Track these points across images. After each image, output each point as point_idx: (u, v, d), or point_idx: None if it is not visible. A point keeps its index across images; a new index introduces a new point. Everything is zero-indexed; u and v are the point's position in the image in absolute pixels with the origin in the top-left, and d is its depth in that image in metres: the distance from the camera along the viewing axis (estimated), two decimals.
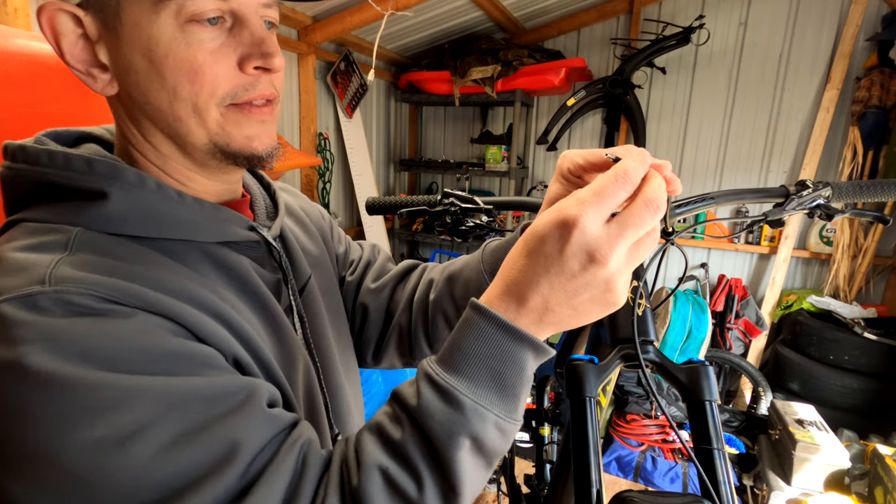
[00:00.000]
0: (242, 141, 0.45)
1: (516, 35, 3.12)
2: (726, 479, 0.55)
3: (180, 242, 0.45)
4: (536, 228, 0.37)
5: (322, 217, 0.71)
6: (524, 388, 0.39)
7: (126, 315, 0.36)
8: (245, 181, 0.58)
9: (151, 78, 0.41)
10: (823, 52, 2.53)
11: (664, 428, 2.29)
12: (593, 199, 0.35)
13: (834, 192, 0.70)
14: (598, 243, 0.34)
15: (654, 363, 0.61)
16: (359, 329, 0.71)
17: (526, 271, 0.37)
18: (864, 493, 1.71)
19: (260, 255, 0.52)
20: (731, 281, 2.80)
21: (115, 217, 0.41)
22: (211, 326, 0.40)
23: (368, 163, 3.14)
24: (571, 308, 0.37)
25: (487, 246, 0.63)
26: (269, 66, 0.44)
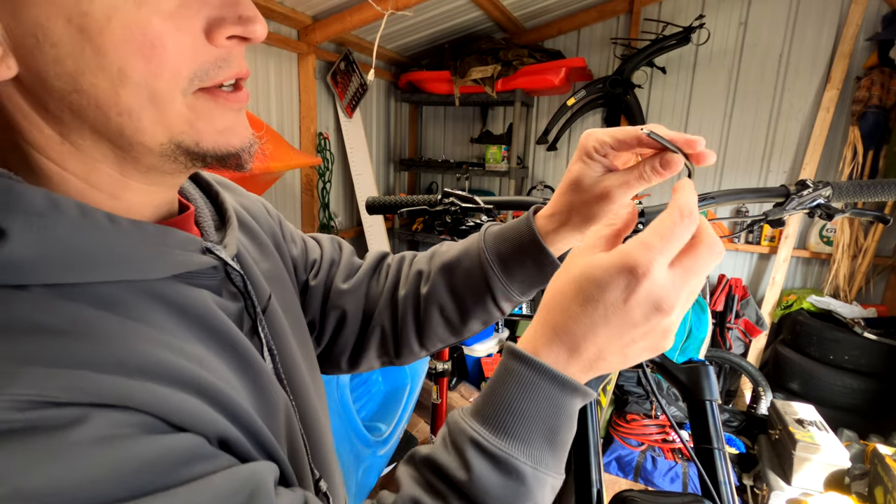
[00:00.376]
0: (216, 137, 0.34)
1: (516, 35, 3.12)
2: (726, 479, 0.55)
3: (118, 284, 0.32)
4: (594, 273, 0.33)
5: (269, 214, 0.59)
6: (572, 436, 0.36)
7: (73, 422, 0.25)
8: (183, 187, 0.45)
9: (82, 54, 0.28)
10: (823, 52, 2.53)
11: (664, 428, 2.29)
12: (662, 245, 0.32)
13: (834, 192, 0.70)
14: (665, 292, 0.32)
15: (654, 363, 0.61)
16: (332, 335, 0.62)
17: (581, 319, 0.33)
18: (864, 493, 1.71)
19: (217, 282, 0.40)
20: (731, 281, 2.80)
21: (19, 264, 0.28)
22: (186, 405, 0.30)
23: (368, 163, 3.14)
24: (623, 356, 0.34)
25: (487, 231, 0.57)
26: (248, 34, 0.33)
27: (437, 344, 0.62)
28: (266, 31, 0.34)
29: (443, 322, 0.59)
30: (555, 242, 0.53)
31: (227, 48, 0.33)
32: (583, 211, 0.50)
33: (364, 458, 1.78)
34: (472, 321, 0.58)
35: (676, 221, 0.32)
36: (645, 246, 0.32)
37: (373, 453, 1.83)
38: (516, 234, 0.54)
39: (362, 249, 3.24)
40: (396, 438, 2.04)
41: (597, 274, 0.33)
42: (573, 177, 0.49)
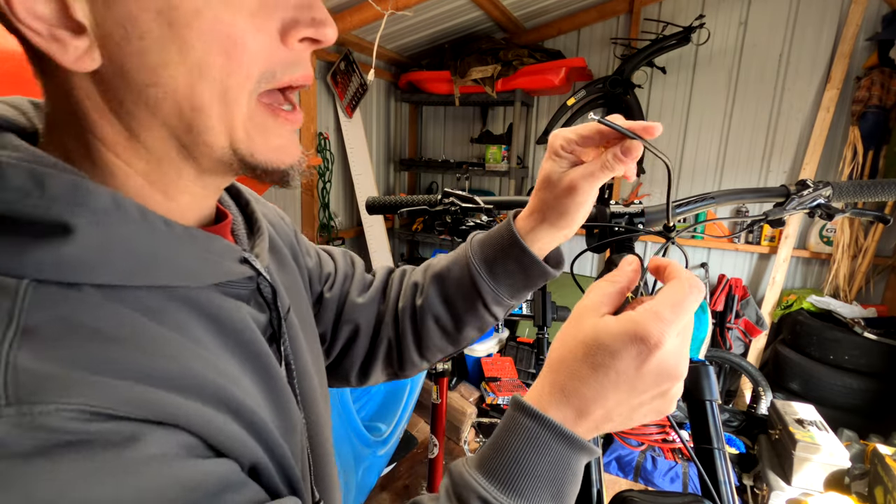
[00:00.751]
0: (269, 153, 0.35)
1: (516, 35, 3.12)
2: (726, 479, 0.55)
3: (162, 291, 0.33)
4: (605, 341, 0.34)
5: (286, 224, 0.59)
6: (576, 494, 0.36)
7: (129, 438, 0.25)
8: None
9: (167, 46, 0.29)
10: (823, 52, 2.53)
11: (664, 428, 2.29)
12: (673, 317, 0.33)
13: (834, 192, 0.70)
14: (675, 360, 0.33)
15: None
16: (343, 348, 0.62)
17: (591, 383, 0.34)
18: (864, 492, 1.71)
19: (248, 292, 0.41)
20: (731, 281, 2.80)
21: (80, 261, 0.28)
22: (227, 428, 0.30)
23: (368, 163, 3.14)
24: (629, 418, 0.35)
25: (473, 240, 0.58)
26: (320, 36, 0.33)
27: (437, 354, 0.62)
28: (336, 34, 0.34)
29: (439, 331, 0.60)
30: (535, 241, 0.54)
31: (298, 51, 0.34)
32: (555, 206, 0.51)
33: (364, 458, 1.78)
34: (467, 328, 0.59)
35: (687, 293, 0.34)
36: (657, 317, 0.33)
37: (373, 453, 1.83)
38: (499, 238, 0.55)
39: (363, 249, 3.24)
40: (396, 438, 2.04)
41: (608, 341, 0.33)
42: (544, 174, 0.51)
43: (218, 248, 0.36)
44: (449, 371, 1.50)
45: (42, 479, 0.22)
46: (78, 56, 0.28)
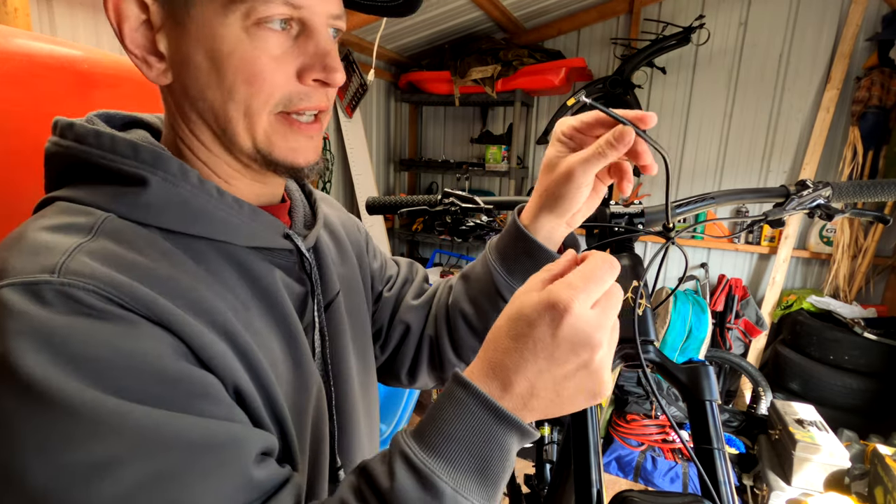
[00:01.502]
0: (286, 152, 0.44)
1: (516, 35, 3.12)
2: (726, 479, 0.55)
3: (209, 242, 0.43)
4: (524, 311, 0.36)
5: (359, 231, 0.69)
6: (507, 475, 0.36)
7: (129, 323, 0.34)
8: (288, 186, 0.57)
9: (210, 75, 0.41)
10: (823, 52, 2.53)
11: (664, 428, 2.29)
12: (583, 284, 0.35)
13: (834, 192, 0.70)
14: (591, 328, 0.34)
15: (654, 363, 0.61)
16: (396, 347, 0.68)
17: (512, 354, 0.35)
18: (864, 493, 1.71)
19: (290, 264, 0.50)
20: (731, 281, 2.80)
21: (150, 206, 0.40)
22: (217, 347, 0.37)
23: (368, 163, 3.14)
24: (557, 394, 0.35)
25: (490, 243, 0.63)
26: (329, 80, 0.43)
27: (470, 354, 0.64)
28: (343, 79, 0.44)
29: (468, 329, 0.63)
30: (539, 230, 0.57)
31: (311, 88, 0.43)
32: (553, 191, 0.53)
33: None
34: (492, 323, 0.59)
35: (598, 265, 0.36)
36: (568, 285, 0.35)
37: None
38: (508, 231, 0.59)
39: None
40: None
41: (526, 311, 0.36)
42: (546, 160, 0.54)
43: (261, 219, 0.46)
44: None
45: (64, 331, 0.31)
46: (158, 73, 0.42)
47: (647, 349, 0.61)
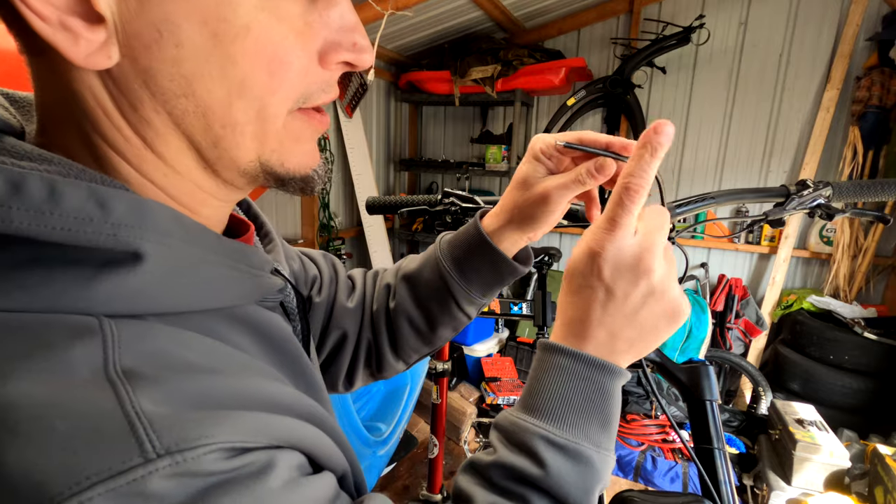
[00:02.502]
0: (300, 158, 0.33)
1: (516, 35, 3.12)
2: (726, 479, 0.55)
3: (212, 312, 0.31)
4: (572, 265, 0.37)
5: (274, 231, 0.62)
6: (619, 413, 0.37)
7: (265, 467, 0.24)
8: None
9: (207, 59, 0.26)
10: (823, 52, 2.53)
11: (664, 428, 2.29)
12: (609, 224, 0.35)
13: (834, 192, 0.70)
14: (635, 255, 0.34)
15: (654, 363, 0.61)
16: (331, 354, 0.60)
17: (580, 308, 0.36)
18: (864, 493, 1.71)
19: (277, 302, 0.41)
20: (731, 281, 2.80)
21: (147, 291, 0.26)
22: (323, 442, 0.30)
23: (368, 163, 3.14)
24: (637, 330, 0.36)
25: (442, 240, 0.57)
26: (359, 62, 0.33)
27: (412, 354, 0.62)
28: (373, 59, 0.34)
29: (413, 333, 0.59)
30: (500, 241, 0.53)
31: (332, 73, 0.32)
32: (525, 210, 0.50)
33: (364, 458, 1.78)
34: (441, 328, 0.58)
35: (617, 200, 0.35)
36: (596, 229, 0.36)
37: (373, 453, 1.83)
38: (466, 237, 0.54)
39: (362, 249, 3.24)
40: (396, 438, 2.04)
41: (576, 266, 0.37)
42: (520, 176, 0.50)
43: (257, 261, 0.35)
44: (449, 371, 1.50)
45: None
46: (90, 52, 0.25)
47: None
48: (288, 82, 0.29)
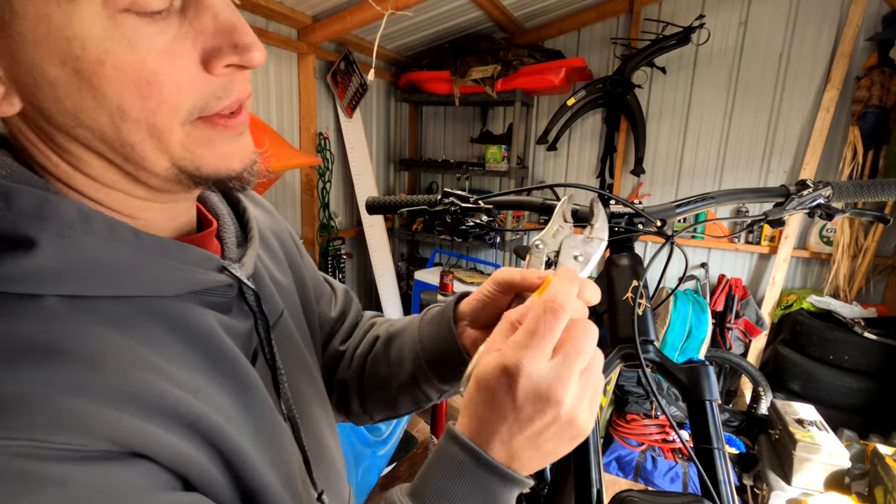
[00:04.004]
0: (217, 162, 0.34)
1: (516, 35, 3.12)
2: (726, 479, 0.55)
3: (126, 300, 0.33)
4: (482, 376, 0.34)
5: (291, 237, 0.61)
6: None
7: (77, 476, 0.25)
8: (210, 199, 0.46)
9: (80, 93, 0.29)
10: (823, 52, 2.53)
11: (664, 428, 2.29)
12: (530, 342, 0.33)
13: (834, 192, 0.70)
14: (549, 384, 0.32)
15: (654, 363, 0.61)
16: None
17: (484, 420, 0.34)
18: (864, 493, 1.71)
19: (228, 300, 0.41)
20: (731, 281, 2.80)
21: (42, 274, 0.29)
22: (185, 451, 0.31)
23: (368, 162, 3.14)
24: (536, 449, 0.34)
25: (427, 314, 0.57)
26: (246, 62, 0.32)
27: (377, 413, 0.62)
28: (264, 56, 0.33)
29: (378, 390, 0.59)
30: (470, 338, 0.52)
31: (227, 76, 0.32)
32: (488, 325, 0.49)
33: (364, 458, 1.78)
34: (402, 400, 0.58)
35: (541, 315, 0.34)
36: (516, 345, 0.33)
37: (373, 453, 1.83)
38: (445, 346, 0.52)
39: (363, 249, 3.24)
40: (396, 438, 2.04)
41: (486, 378, 0.34)
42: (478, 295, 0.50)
43: (191, 258, 0.36)
44: None
45: None
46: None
47: (647, 349, 0.61)
48: (168, 99, 0.30)
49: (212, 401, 0.35)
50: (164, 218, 0.38)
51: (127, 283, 0.33)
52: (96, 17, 0.27)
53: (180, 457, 0.30)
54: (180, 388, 0.32)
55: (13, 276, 0.28)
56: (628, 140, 2.98)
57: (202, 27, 0.31)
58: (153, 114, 0.30)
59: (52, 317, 0.29)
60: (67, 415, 0.26)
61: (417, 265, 3.54)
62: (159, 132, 0.31)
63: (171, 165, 0.33)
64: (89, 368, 0.28)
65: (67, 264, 0.30)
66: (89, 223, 0.31)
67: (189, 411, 0.32)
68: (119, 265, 0.32)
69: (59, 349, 0.28)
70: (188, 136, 0.32)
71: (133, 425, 0.28)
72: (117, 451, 0.27)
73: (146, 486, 0.28)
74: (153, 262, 0.34)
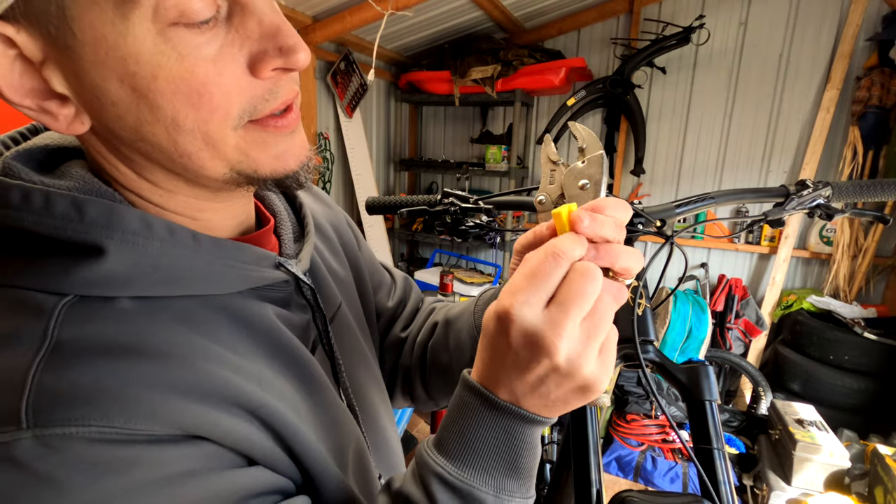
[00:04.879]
0: (273, 163, 0.36)
1: (516, 35, 3.12)
2: (726, 479, 0.55)
3: (195, 299, 0.36)
4: (485, 320, 0.34)
5: (349, 226, 0.63)
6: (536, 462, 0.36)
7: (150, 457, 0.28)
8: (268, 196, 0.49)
9: (138, 109, 0.31)
10: (823, 52, 2.53)
11: (664, 428, 2.29)
12: (523, 285, 0.32)
13: (834, 192, 0.70)
14: (541, 331, 0.31)
15: (654, 363, 0.61)
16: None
17: (489, 364, 0.35)
18: (864, 493, 1.71)
19: (286, 295, 0.44)
20: (731, 281, 2.80)
21: (114, 278, 0.32)
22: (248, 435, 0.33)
23: (368, 163, 3.14)
24: (541, 398, 0.33)
25: (483, 296, 0.58)
26: (292, 65, 0.33)
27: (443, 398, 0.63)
28: (309, 57, 0.34)
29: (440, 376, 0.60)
30: None
31: (274, 79, 0.34)
32: None
33: None
34: None
35: (541, 260, 0.32)
36: (509, 289, 0.32)
37: None
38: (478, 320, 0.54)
39: None
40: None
41: (486, 322, 0.34)
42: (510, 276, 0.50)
43: (248, 257, 0.38)
44: None
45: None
46: (69, 122, 0.32)
47: (647, 349, 0.61)
48: (219, 107, 0.32)
49: (274, 388, 0.37)
50: (223, 217, 0.40)
51: (190, 284, 0.35)
52: (147, 34, 0.29)
53: (243, 440, 0.33)
54: (244, 376, 0.35)
55: (89, 280, 0.31)
56: (628, 140, 2.98)
57: (248, 32, 0.32)
58: (205, 122, 0.32)
59: (126, 317, 0.32)
60: (139, 405, 0.29)
61: (417, 265, 3.54)
62: (214, 141, 0.33)
63: (230, 170, 0.35)
64: (159, 363, 0.31)
65: (135, 268, 0.32)
66: (151, 230, 0.33)
67: (251, 398, 0.34)
68: (181, 267, 0.34)
69: (132, 346, 0.31)
70: (242, 139, 0.34)
71: (197, 412, 0.31)
72: (183, 435, 0.30)
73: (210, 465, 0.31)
74: (212, 262, 0.36)
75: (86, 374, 0.28)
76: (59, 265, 0.31)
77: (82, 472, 0.26)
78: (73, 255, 0.31)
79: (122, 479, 0.27)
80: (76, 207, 0.31)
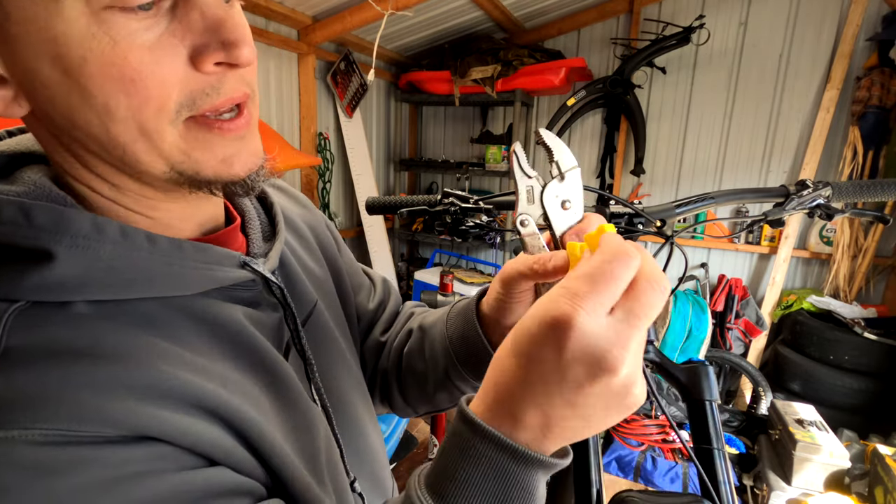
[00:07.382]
0: (218, 166, 0.34)
1: (516, 35, 3.12)
2: (726, 479, 0.55)
3: (155, 301, 0.35)
4: (526, 324, 0.29)
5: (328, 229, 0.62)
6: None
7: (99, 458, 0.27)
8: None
9: (70, 92, 0.29)
10: (823, 52, 2.53)
11: (664, 428, 2.29)
12: (589, 290, 0.27)
13: (834, 192, 0.70)
14: (606, 345, 0.27)
15: (654, 363, 0.61)
16: None
17: (518, 379, 0.29)
18: (864, 493, 1.71)
19: (254, 294, 0.42)
20: (731, 281, 2.80)
21: (67, 283, 0.31)
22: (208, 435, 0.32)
23: (368, 163, 3.14)
24: (583, 419, 0.29)
25: (455, 307, 0.55)
26: (233, 59, 0.32)
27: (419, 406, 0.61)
28: (254, 54, 0.33)
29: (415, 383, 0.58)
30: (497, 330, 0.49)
31: (218, 74, 0.32)
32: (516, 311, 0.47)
33: None
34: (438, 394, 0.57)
35: (608, 260, 0.28)
36: (570, 293, 0.28)
37: None
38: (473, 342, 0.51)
39: (363, 249, 3.24)
40: (396, 438, 2.04)
41: (527, 325, 0.29)
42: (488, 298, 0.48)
43: (209, 257, 0.37)
44: None
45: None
46: (6, 104, 0.31)
47: (647, 349, 0.61)
48: (154, 96, 0.30)
49: (238, 388, 0.36)
50: (182, 217, 0.39)
51: (148, 286, 0.34)
52: (80, 16, 0.27)
53: (202, 440, 0.32)
54: (206, 377, 0.34)
55: (40, 286, 0.30)
56: (628, 140, 2.98)
57: (190, 24, 0.31)
58: (139, 111, 0.30)
59: (81, 320, 0.31)
60: (88, 407, 0.28)
61: (417, 265, 3.54)
62: (148, 132, 0.31)
63: (170, 169, 0.33)
64: (113, 365, 0.30)
65: (87, 272, 0.31)
66: (103, 233, 0.32)
67: (211, 398, 0.33)
68: (137, 269, 0.33)
69: (85, 350, 0.30)
70: (182, 138, 0.32)
71: (153, 413, 0.30)
72: (136, 436, 0.29)
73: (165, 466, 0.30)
74: (170, 263, 0.34)
75: (34, 379, 0.27)
76: (10, 271, 0.30)
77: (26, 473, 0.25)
78: (23, 261, 0.30)
79: (69, 480, 0.26)
80: (24, 213, 0.30)
